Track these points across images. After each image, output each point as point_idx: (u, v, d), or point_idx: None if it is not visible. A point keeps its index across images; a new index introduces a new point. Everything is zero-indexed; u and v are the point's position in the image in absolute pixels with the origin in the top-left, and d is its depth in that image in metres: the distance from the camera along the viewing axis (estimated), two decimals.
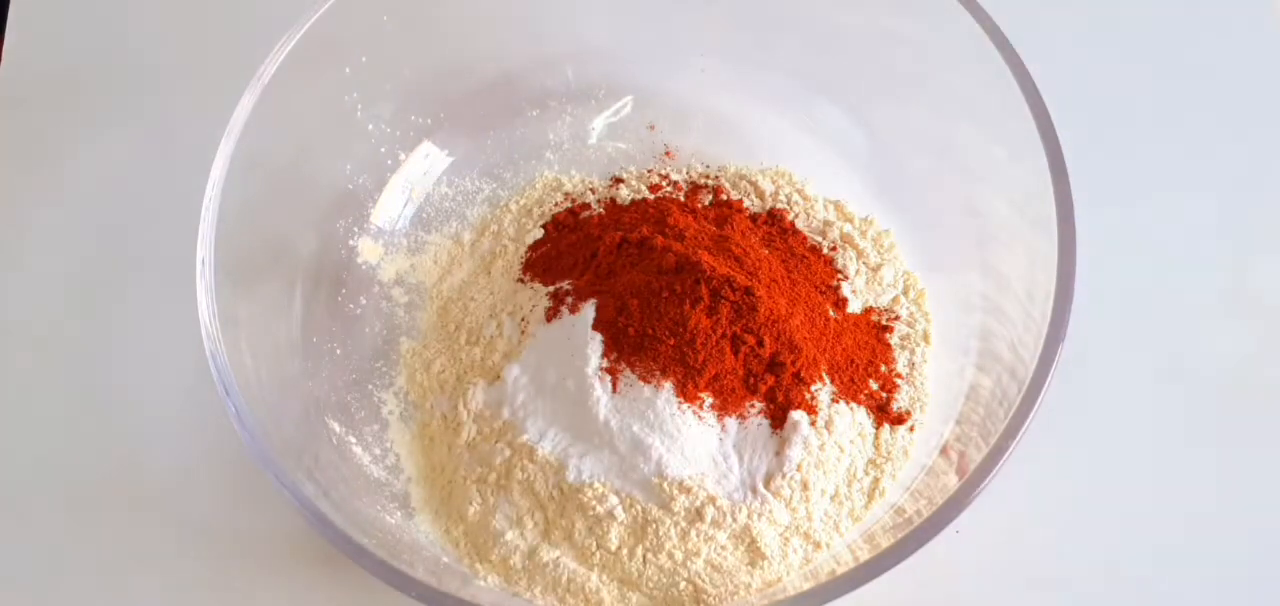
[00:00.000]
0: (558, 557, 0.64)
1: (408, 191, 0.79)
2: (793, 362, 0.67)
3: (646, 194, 0.77)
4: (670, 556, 0.64)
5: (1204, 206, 0.79)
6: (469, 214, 0.79)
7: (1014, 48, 0.65)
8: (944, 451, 0.65)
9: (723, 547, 0.64)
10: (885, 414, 0.69)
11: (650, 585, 0.64)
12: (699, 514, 0.64)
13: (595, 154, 0.80)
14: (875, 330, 0.72)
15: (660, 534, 0.64)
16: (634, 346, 0.66)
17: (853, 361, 0.70)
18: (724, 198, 0.77)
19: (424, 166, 0.79)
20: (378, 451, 0.70)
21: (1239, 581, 0.68)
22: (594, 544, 0.64)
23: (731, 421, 0.66)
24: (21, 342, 0.77)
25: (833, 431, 0.66)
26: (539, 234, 0.77)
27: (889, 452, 0.68)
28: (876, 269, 0.74)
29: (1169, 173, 0.80)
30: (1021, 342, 0.62)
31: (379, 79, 0.76)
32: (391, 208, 0.78)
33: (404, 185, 0.78)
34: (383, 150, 0.78)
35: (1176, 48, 0.85)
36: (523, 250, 0.76)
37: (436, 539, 0.67)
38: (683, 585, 0.64)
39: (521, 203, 0.79)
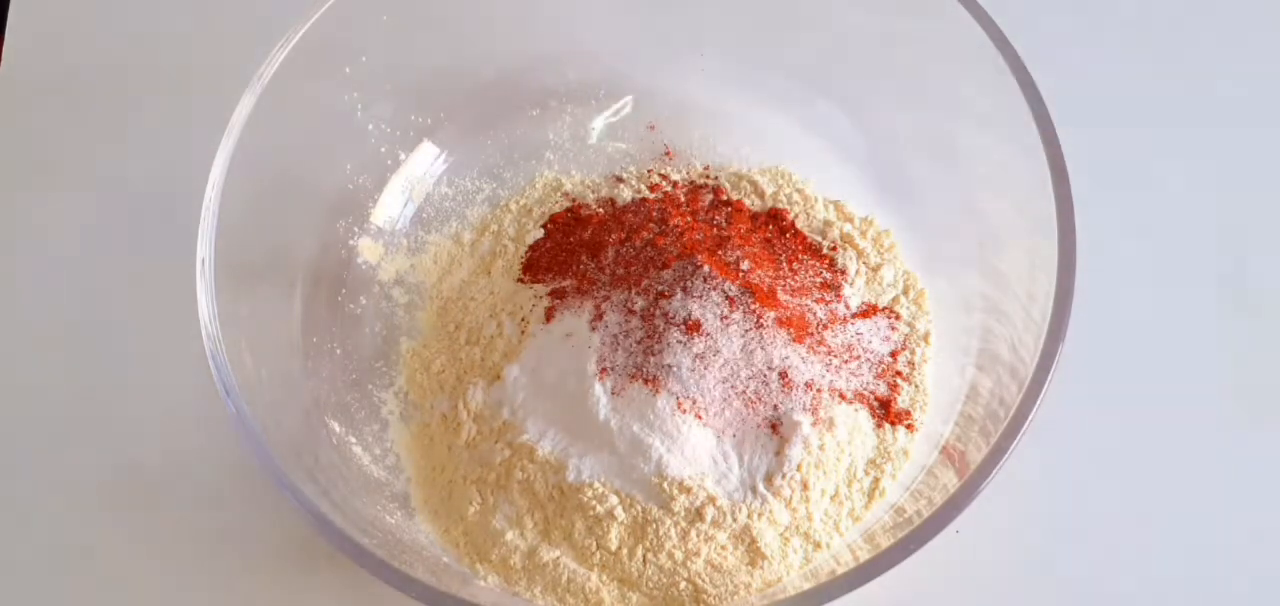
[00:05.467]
0: (557, 557, 0.64)
1: (408, 191, 0.79)
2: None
3: (646, 194, 0.77)
4: (670, 556, 0.64)
5: (1204, 206, 0.79)
6: (469, 214, 0.79)
7: (1014, 48, 0.65)
8: (944, 451, 0.65)
9: (723, 547, 0.64)
10: (885, 414, 0.69)
11: (650, 585, 0.64)
12: (699, 514, 0.64)
13: (595, 154, 0.80)
14: (876, 329, 0.72)
15: (660, 534, 0.64)
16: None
17: (852, 360, 0.69)
18: (724, 198, 0.77)
19: (424, 166, 0.79)
20: (378, 451, 0.70)
21: (1240, 581, 0.68)
22: (594, 544, 0.64)
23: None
24: (21, 342, 0.77)
25: (833, 431, 0.66)
26: (539, 234, 0.77)
27: (889, 452, 0.68)
28: (876, 269, 0.74)
29: (1168, 172, 0.80)
30: (1021, 342, 0.62)
31: (379, 79, 0.76)
32: (391, 208, 0.78)
33: (404, 185, 0.78)
34: (383, 150, 0.78)
35: (1176, 47, 0.85)
36: (523, 250, 0.76)
37: (436, 539, 0.67)
38: (683, 585, 0.64)
39: (521, 203, 0.79)
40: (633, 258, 0.71)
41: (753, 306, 0.67)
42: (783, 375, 0.66)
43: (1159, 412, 0.72)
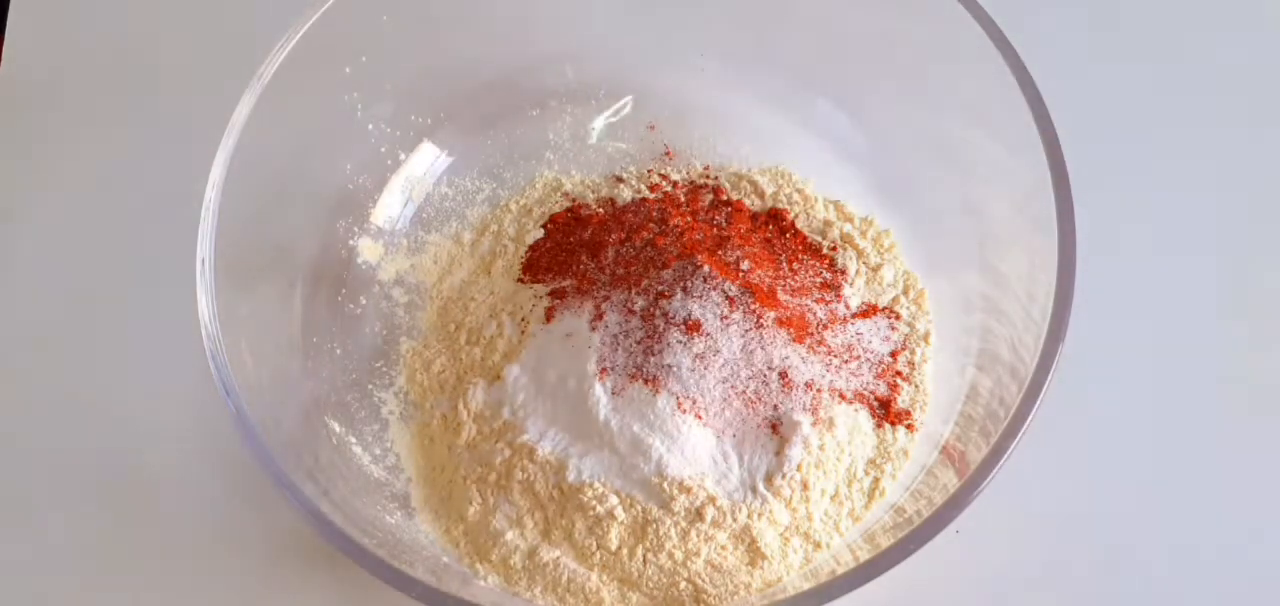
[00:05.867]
0: (558, 557, 0.64)
1: (408, 191, 0.79)
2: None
3: (646, 194, 0.77)
4: (670, 556, 0.64)
5: (1203, 206, 0.79)
6: (469, 214, 0.79)
7: (1014, 48, 0.65)
8: (944, 451, 0.65)
9: (723, 547, 0.64)
10: (885, 414, 0.69)
11: (650, 585, 0.64)
12: (699, 514, 0.64)
13: (595, 154, 0.80)
14: (876, 329, 0.72)
15: (660, 534, 0.64)
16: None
17: (852, 360, 0.70)
18: (724, 198, 0.77)
19: (424, 166, 0.79)
20: (378, 451, 0.70)
21: (1239, 581, 0.68)
22: (594, 544, 0.64)
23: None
24: (21, 342, 0.77)
25: (833, 431, 0.66)
26: (539, 234, 0.77)
27: (889, 452, 0.68)
28: (876, 269, 0.74)
29: (1168, 172, 0.80)
30: (1021, 342, 0.62)
31: (379, 79, 0.76)
32: (391, 208, 0.78)
33: (404, 185, 0.78)
34: (383, 150, 0.78)
35: (1176, 47, 0.85)
36: (523, 250, 0.76)
37: (436, 539, 0.67)
38: (683, 585, 0.64)
39: (521, 203, 0.79)
40: (633, 258, 0.71)
41: (753, 306, 0.67)
42: (783, 375, 0.67)
43: (1159, 412, 0.72)
